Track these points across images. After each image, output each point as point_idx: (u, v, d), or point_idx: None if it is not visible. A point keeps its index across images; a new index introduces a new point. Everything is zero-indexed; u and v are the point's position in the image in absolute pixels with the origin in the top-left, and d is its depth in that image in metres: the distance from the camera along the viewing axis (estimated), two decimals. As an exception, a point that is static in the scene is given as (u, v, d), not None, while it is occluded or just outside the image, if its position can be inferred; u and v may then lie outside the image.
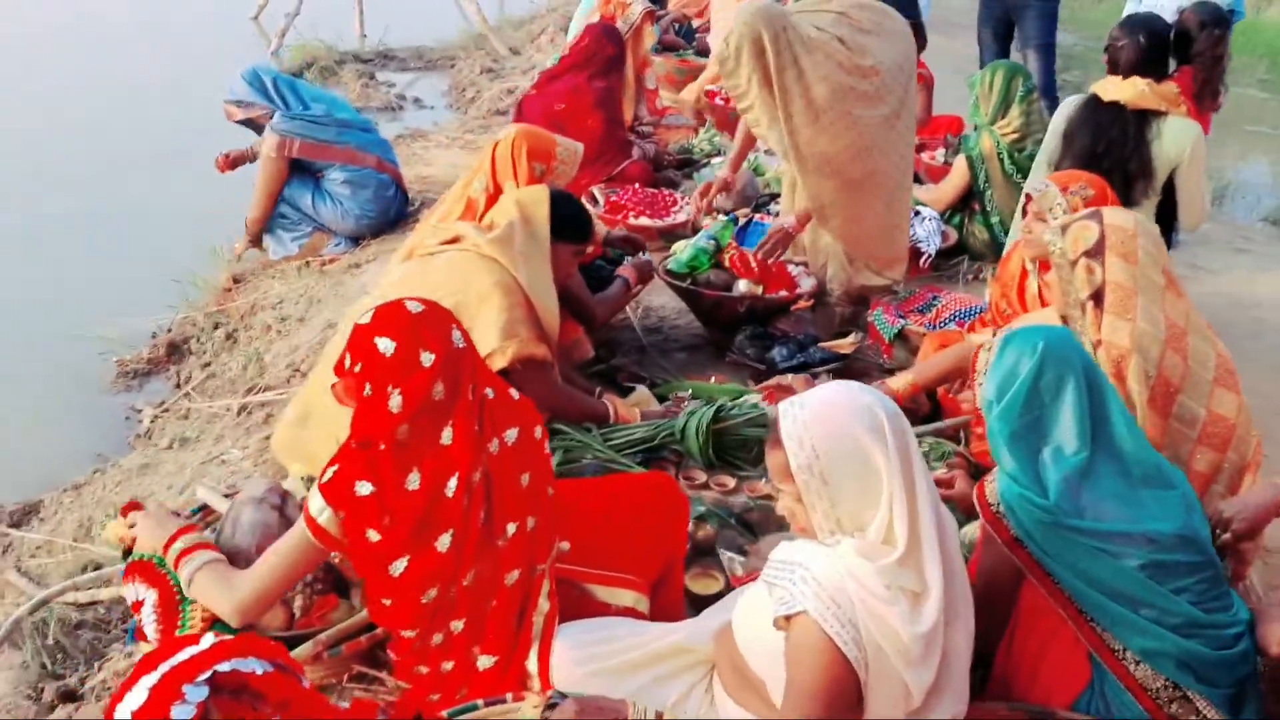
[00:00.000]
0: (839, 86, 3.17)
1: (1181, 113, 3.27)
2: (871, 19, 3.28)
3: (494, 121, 6.21)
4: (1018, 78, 4.35)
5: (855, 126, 3.23)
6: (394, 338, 1.70)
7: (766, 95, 3.15)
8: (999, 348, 1.91)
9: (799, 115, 3.16)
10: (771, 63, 3.10)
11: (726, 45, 3.13)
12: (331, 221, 4.40)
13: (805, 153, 3.22)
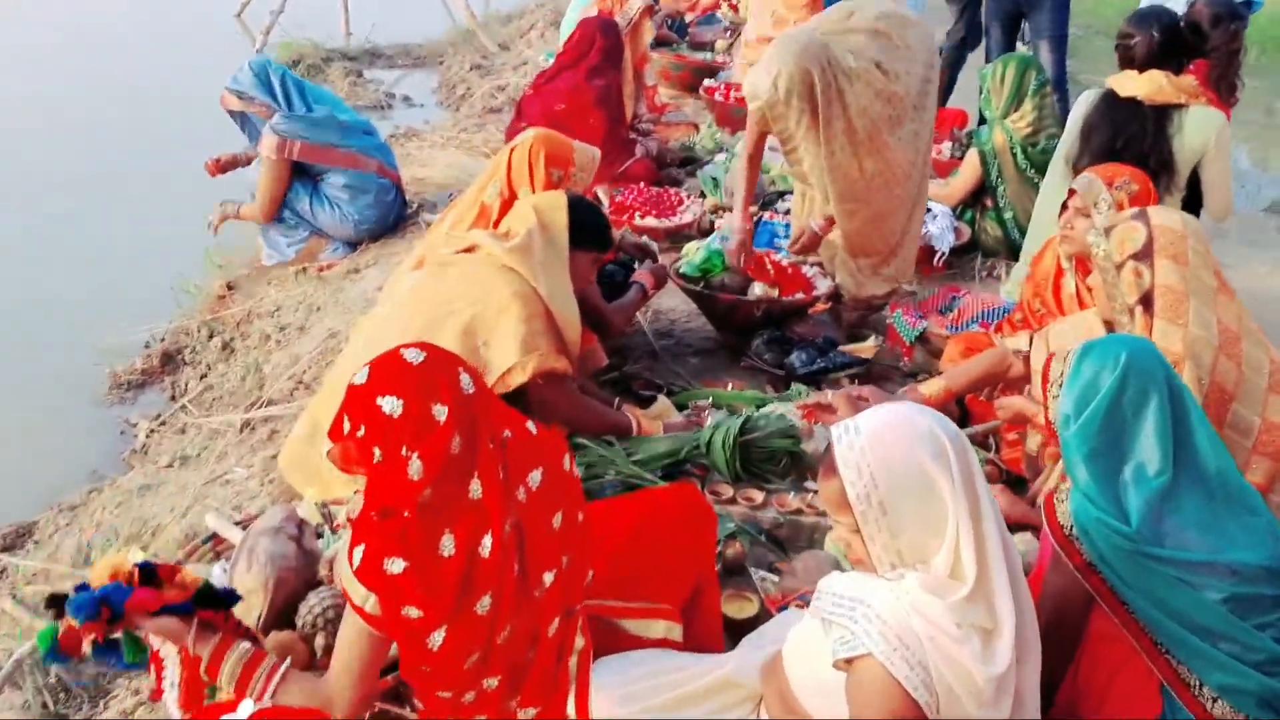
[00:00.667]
0: (878, 117, 3.14)
1: (1203, 103, 3.18)
2: (900, 32, 3.21)
3: (488, 120, 6.09)
4: (1030, 71, 4.26)
5: (889, 153, 3.20)
6: (400, 395, 1.52)
7: (813, 135, 3.10)
8: (1075, 359, 1.81)
9: (841, 150, 3.13)
10: (820, 101, 3.04)
11: (776, 90, 3.03)
12: (330, 227, 4.27)
13: (843, 184, 3.17)
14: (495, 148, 5.26)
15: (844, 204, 3.20)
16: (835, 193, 3.18)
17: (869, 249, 3.29)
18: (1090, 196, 2.65)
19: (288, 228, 4.32)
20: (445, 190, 4.65)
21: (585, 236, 2.70)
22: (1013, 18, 5.43)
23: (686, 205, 4.36)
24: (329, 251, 4.33)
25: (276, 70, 4.24)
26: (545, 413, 2.61)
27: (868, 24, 3.16)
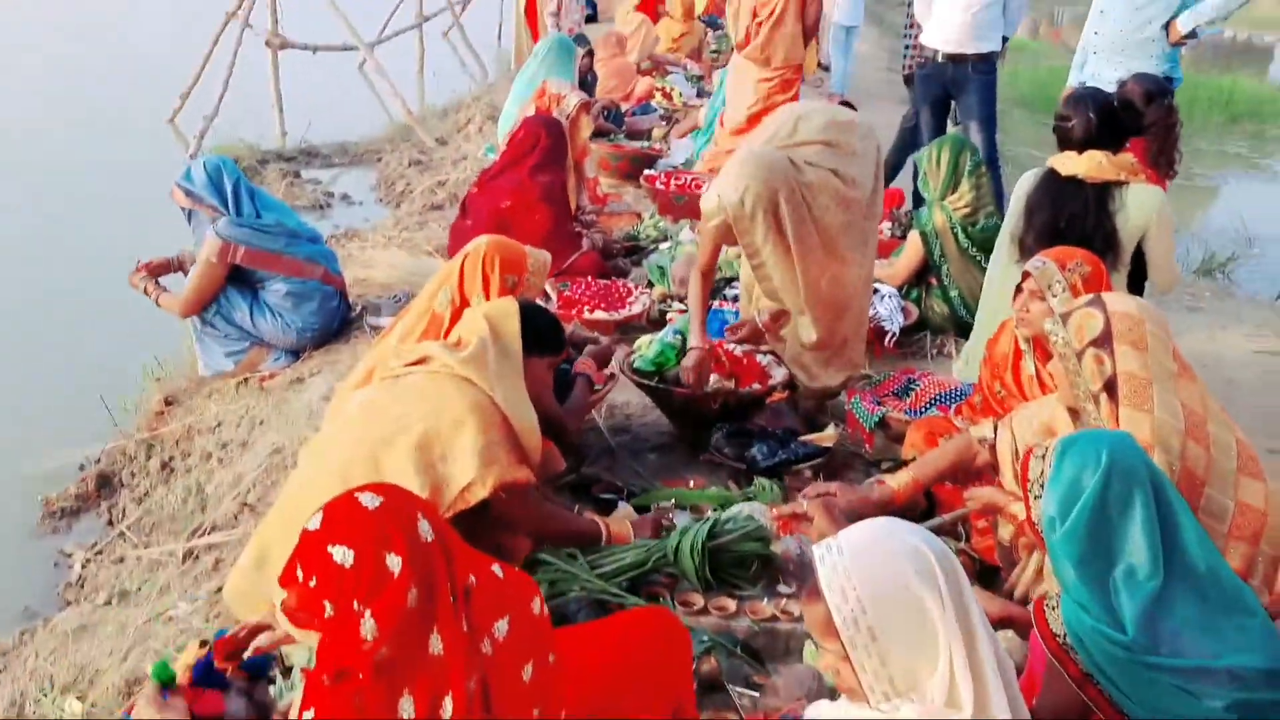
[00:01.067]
0: (839, 223, 3.17)
1: (1142, 180, 3.25)
2: (848, 139, 3.26)
3: (430, 217, 6.05)
4: (965, 152, 4.35)
5: (849, 255, 3.23)
6: (352, 544, 1.42)
7: (780, 249, 3.12)
8: (1056, 458, 1.78)
9: (809, 259, 3.15)
10: (787, 217, 3.07)
11: (743, 205, 3.05)
12: (272, 336, 4.15)
13: (809, 291, 3.19)
14: (439, 246, 5.22)
15: (810, 310, 3.21)
16: (803, 300, 3.19)
17: (823, 343, 3.28)
18: (1044, 279, 2.67)
19: (226, 339, 4.19)
20: (390, 292, 4.57)
21: (539, 342, 2.65)
22: (942, 101, 5.56)
23: (636, 296, 4.34)
24: (271, 361, 4.20)
25: (230, 173, 4.15)
26: (509, 526, 2.52)
27: (816, 135, 3.20)
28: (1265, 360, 4.32)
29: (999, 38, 5.41)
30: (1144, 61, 4.42)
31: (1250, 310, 5.36)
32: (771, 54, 5.91)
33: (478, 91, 10.78)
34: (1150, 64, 4.40)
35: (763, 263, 3.16)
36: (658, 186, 5.74)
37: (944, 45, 5.38)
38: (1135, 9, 4.51)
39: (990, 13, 5.29)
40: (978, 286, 4.27)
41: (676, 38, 10.25)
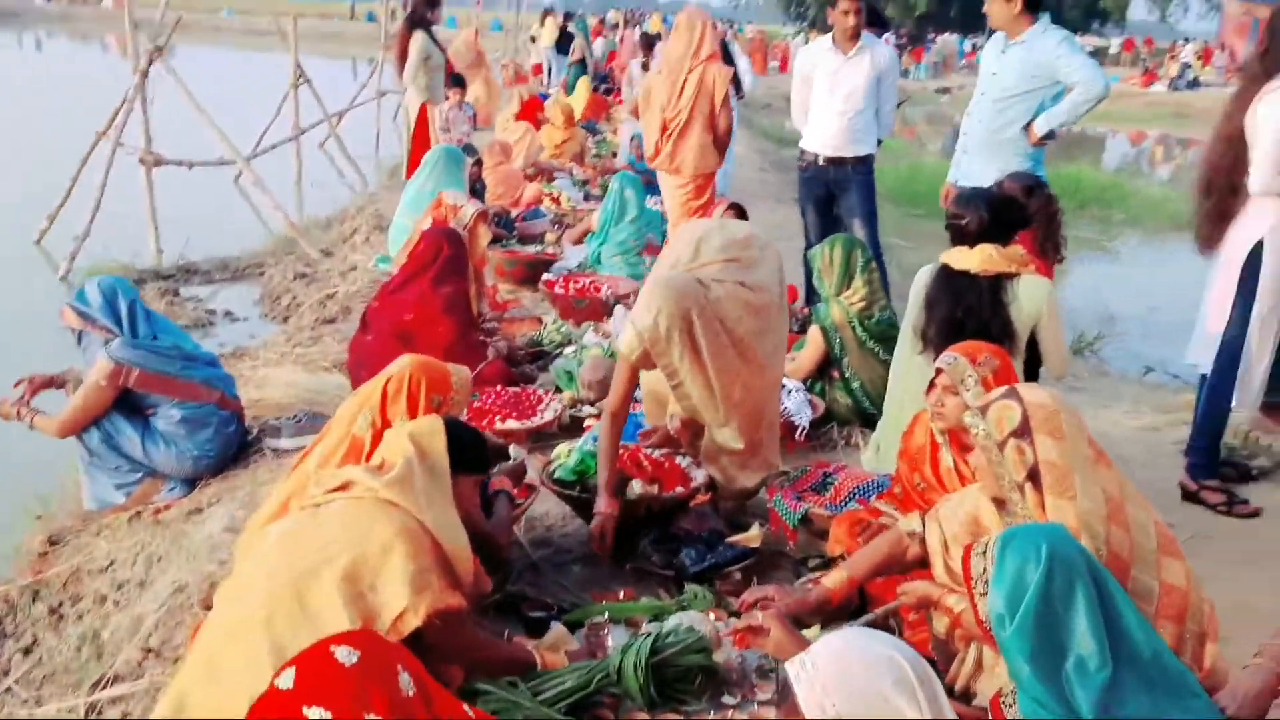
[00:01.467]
0: (754, 331, 3.25)
1: (1031, 271, 3.43)
2: (748, 252, 3.37)
3: (323, 331, 5.92)
4: (856, 250, 4.52)
5: (766, 364, 3.32)
6: (329, 706, 1.36)
7: (698, 368, 3.18)
8: (997, 554, 1.82)
9: (725, 373, 3.21)
10: (701, 335, 3.14)
11: (658, 327, 3.11)
12: (166, 465, 3.95)
13: (726, 403, 3.24)
14: (336, 361, 5.10)
15: (729, 422, 3.26)
16: (722, 415, 3.24)
17: (743, 449, 3.32)
18: (957, 375, 2.77)
19: (116, 471, 3.96)
20: (288, 412, 4.42)
21: (466, 459, 2.59)
22: (825, 200, 5.79)
23: (546, 403, 4.31)
24: (165, 492, 3.99)
25: (126, 294, 3.96)
26: (443, 655, 2.42)
27: (717, 254, 3.32)
28: (1148, 436, 4.55)
29: (874, 140, 5.71)
30: (1010, 160, 4.71)
31: (1124, 387, 5.66)
32: (681, 164, 6.08)
33: (360, 201, 10.72)
34: (1016, 162, 4.69)
35: (681, 382, 3.20)
36: (556, 291, 5.78)
37: (824, 149, 5.65)
38: (997, 111, 4.80)
39: (863, 119, 5.59)
40: (878, 378, 4.40)
41: (559, 143, 10.48)
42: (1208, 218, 3.81)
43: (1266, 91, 3.57)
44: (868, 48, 5.56)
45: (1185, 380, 6.43)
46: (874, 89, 5.56)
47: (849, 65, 5.55)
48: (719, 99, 5.93)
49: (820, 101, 5.61)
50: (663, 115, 5.98)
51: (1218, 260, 3.85)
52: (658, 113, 6.02)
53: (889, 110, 5.72)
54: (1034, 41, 4.68)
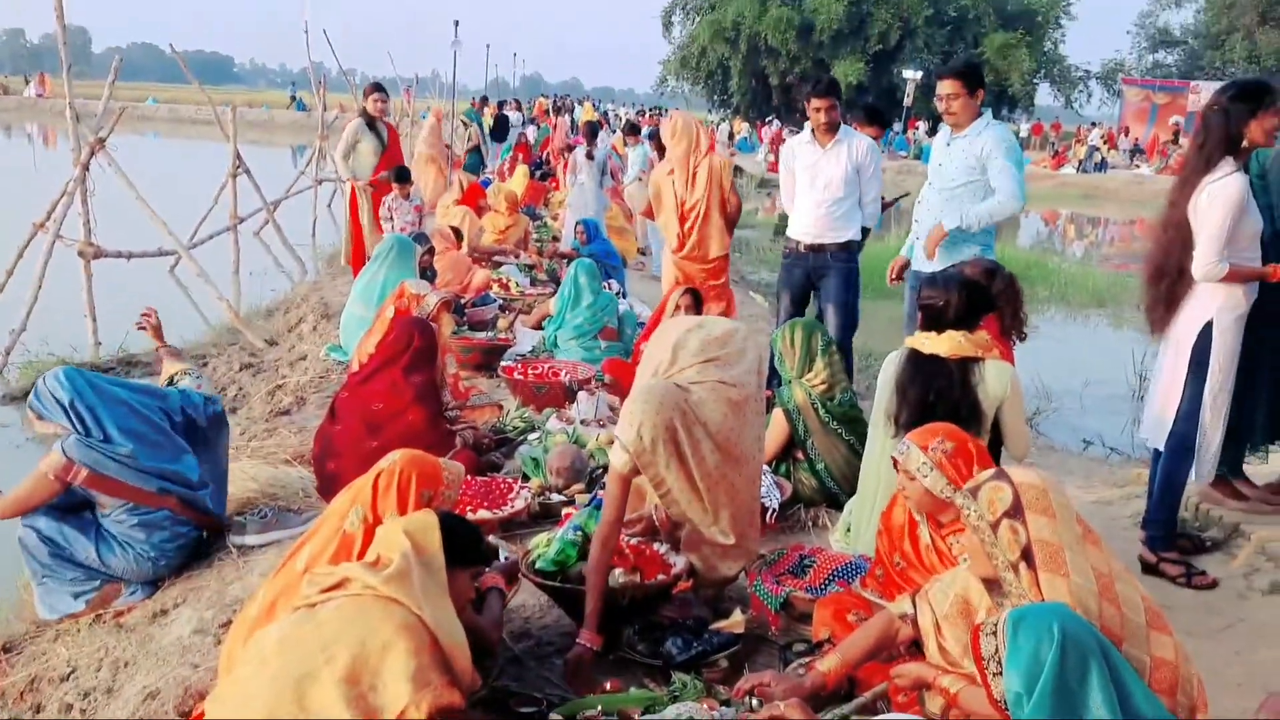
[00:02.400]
0: (734, 428, 3.27)
1: (995, 356, 3.56)
2: (728, 349, 3.40)
3: (278, 423, 5.83)
4: (816, 333, 4.64)
5: (746, 458, 3.34)
6: None
7: (684, 476, 3.18)
8: (1009, 634, 1.87)
9: (710, 480, 3.21)
10: (684, 442, 3.15)
11: (641, 439, 3.11)
12: (124, 570, 3.80)
13: (715, 507, 3.24)
14: (298, 453, 5.02)
15: (718, 522, 3.26)
16: (710, 518, 3.24)
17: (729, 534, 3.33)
18: (910, 463, 2.94)
19: (72, 582, 3.80)
20: (252, 507, 4.33)
21: (462, 554, 2.59)
22: (802, 286, 5.94)
23: (516, 492, 4.30)
24: (126, 595, 3.86)
25: (81, 390, 3.82)
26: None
27: (695, 358, 3.35)
28: (1103, 510, 4.69)
29: (857, 229, 5.85)
30: (961, 247, 4.91)
31: (1071, 461, 5.84)
32: (706, 249, 6.46)
33: (304, 289, 10.64)
34: (967, 250, 4.89)
35: (669, 490, 3.20)
36: (516, 377, 5.80)
37: (804, 237, 5.84)
38: (944, 201, 5.02)
39: (842, 208, 5.75)
40: (841, 459, 4.49)
41: (502, 229, 10.58)
42: (1157, 302, 3.99)
43: (1206, 182, 3.79)
44: (844, 140, 5.77)
45: (1124, 453, 6.67)
46: (853, 179, 5.74)
47: (826, 157, 5.76)
48: (727, 184, 6.41)
49: (801, 192, 5.84)
50: (680, 209, 6.36)
51: (1167, 341, 4.03)
52: (674, 208, 6.40)
53: (871, 200, 5.86)
54: (975, 136, 4.93)
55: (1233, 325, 3.87)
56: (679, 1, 49.30)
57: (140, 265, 9.35)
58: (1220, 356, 3.86)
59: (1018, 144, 5.04)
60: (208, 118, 15.17)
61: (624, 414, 3.21)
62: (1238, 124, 3.78)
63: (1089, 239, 24.38)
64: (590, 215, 10.60)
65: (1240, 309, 3.87)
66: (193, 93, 16.75)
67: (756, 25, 42.72)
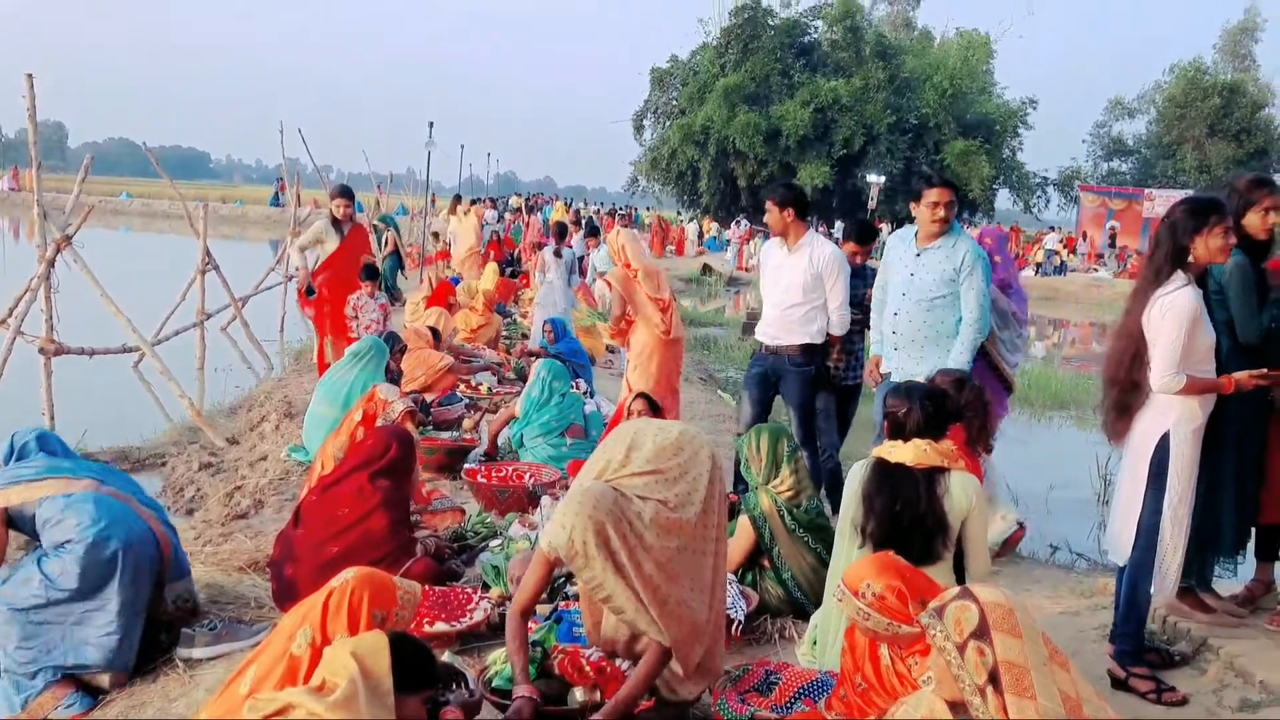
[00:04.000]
0: (671, 549, 3.16)
1: (961, 467, 3.55)
2: (676, 460, 3.29)
3: (234, 527, 5.69)
4: (782, 439, 4.62)
5: (688, 583, 3.21)
6: None
7: (623, 582, 3.05)
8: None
9: (651, 587, 3.08)
10: (620, 548, 3.04)
11: (573, 543, 3.01)
12: (68, 586, 3.71)
13: (665, 620, 3.10)
14: (254, 559, 4.89)
15: (669, 638, 3.12)
16: (660, 630, 3.11)
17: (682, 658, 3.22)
18: (849, 609, 2.98)
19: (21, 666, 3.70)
20: (202, 619, 4.18)
21: (413, 678, 2.49)
22: (763, 386, 5.96)
23: (475, 602, 4.19)
24: (63, 708, 3.70)
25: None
26: None
27: (646, 465, 3.25)
28: (1070, 621, 4.63)
29: (817, 333, 5.85)
30: (943, 355, 4.97)
31: (1038, 570, 5.79)
32: (678, 330, 6.73)
33: (268, 387, 10.54)
34: (946, 358, 4.95)
35: (609, 595, 3.07)
36: (479, 480, 5.72)
37: (766, 338, 5.96)
38: (924, 311, 5.08)
39: (800, 311, 5.82)
40: (808, 567, 4.43)
41: (475, 328, 10.59)
42: (1113, 410, 4.02)
43: (1158, 295, 3.85)
44: (808, 245, 5.85)
45: (1090, 559, 6.64)
46: (814, 285, 5.78)
47: (790, 260, 5.86)
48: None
49: (766, 292, 6.00)
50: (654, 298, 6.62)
51: (1126, 452, 4.04)
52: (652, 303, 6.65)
53: (837, 307, 5.86)
54: (950, 248, 5.05)
55: (1190, 437, 3.89)
56: (650, 106, 50.63)
57: (103, 361, 9.23)
58: (1179, 469, 3.86)
59: (988, 265, 5.15)
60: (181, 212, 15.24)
61: (555, 514, 3.11)
62: (1184, 239, 3.87)
63: (1050, 340, 24.77)
64: (558, 314, 10.65)
65: (1197, 421, 3.90)
66: (166, 187, 16.82)
67: (725, 130, 43.88)
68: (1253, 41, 52.71)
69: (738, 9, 46.65)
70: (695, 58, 49.11)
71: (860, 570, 3.02)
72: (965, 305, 4.98)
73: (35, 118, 7.88)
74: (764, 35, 45.78)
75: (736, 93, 44.17)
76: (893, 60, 45.83)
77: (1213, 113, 47.83)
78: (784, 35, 46.25)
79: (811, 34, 47.88)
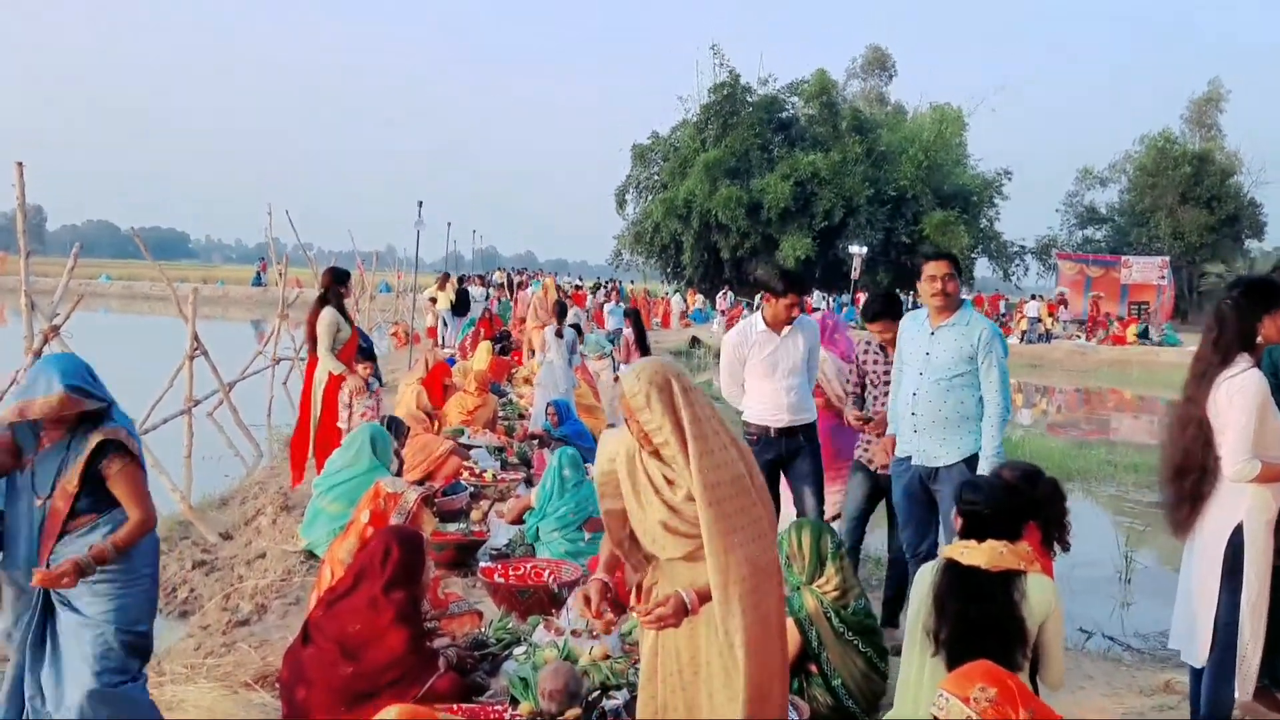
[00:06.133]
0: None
1: (1037, 569, 3.33)
2: None
3: (237, 636, 5.35)
4: (825, 535, 4.38)
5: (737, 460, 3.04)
6: None
7: (677, 431, 2.93)
8: None
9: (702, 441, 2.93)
10: (680, 402, 2.94)
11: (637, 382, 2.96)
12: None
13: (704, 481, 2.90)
14: (261, 673, 4.56)
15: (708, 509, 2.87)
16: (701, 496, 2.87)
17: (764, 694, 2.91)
18: (954, 716, 2.64)
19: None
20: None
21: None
22: (773, 470, 5.73)
23: (510, 718, 3.89)
24: None
25: None
26: None
27: None
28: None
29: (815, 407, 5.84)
30: (967, 436, 4.76)
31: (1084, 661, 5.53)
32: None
33: (260, 476, 10.20)
34: (972, 440, 4.74)
35: (666, 440, 2.93)
36: (497, 580, 5.42)
37: (775, 422, 5.71)
38: (944, 391, 4.86)
39: (806, 389, 5.76)
40: (859, 673, 4.17)
41: (470, 410, 10.29)
42: (1181, 501, 3.82)
43: (1223, 378, 3.69)
44: (798, 327, 5.80)
45: (1123, 644, 6.37)
46: (806, 362, 5.81)
47: (784, 344, 5.74)
48: None
49: (763, 379, 5.73)
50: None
51: (1194, 545, 3.84)
52: None
53: (811, 380, 5.93)
54: (964, 326, 4.88)
55: (1264, 529, 3.69)
56: (632, 180, 51.13)
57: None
58: (1255, 563, 3.66)
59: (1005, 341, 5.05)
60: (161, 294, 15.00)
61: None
62: (1252, 320, 3.73)
63: (1038, 407, 24.71)
64: (560, 394, 10.42)
65: (1271, 511, 3.71)
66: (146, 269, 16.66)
67: (708, 203, 44.26)
68: (1218, 111, 54.03)
69: (716, 86, 47.45)
70: (676, 133, 49.77)
71: (969, 674, 2.77)
72: (987, 387, 4.79)
73: (24, 206, 7.69)
74: (743, 111, 46.51)
75: (717, 167, 44.68)
76: (869, 134, 46.61)
77: (1184, 181, 48.79)
78: (762, 111, 46.99)
79: (789, 110, 48.68)
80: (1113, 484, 12.38)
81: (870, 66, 59.63)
